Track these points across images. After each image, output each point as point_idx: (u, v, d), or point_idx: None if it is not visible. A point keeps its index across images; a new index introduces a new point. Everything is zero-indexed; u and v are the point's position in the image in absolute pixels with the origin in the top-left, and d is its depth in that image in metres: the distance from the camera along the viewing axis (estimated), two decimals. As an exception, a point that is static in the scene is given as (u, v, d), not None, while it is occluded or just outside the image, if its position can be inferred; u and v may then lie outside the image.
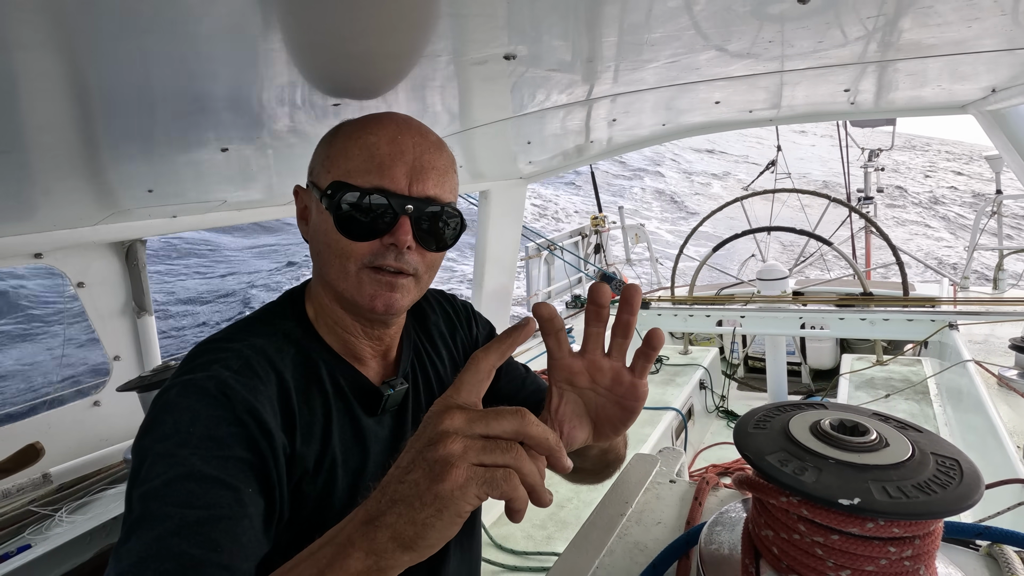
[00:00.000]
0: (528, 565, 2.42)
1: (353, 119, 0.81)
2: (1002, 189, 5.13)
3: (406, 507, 0.47)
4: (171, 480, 0.60)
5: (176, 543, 0.56)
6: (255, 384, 0.70)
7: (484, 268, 2.98)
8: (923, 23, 0.98)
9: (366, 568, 0.47)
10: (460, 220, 0.81)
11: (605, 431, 0.68)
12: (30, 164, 0.92)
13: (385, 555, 0.47)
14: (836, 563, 0.52)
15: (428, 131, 0.80)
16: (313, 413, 0.76)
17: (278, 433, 0.70)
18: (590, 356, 0.65)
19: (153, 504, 0.59)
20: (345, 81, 0.87)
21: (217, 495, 0.60)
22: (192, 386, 0.68)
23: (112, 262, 2.03)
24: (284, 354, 0.76)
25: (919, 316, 3.47)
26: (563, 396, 0.66)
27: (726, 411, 4.36)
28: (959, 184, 35.46)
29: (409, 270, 0.76)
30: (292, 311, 0.83)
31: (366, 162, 0.74)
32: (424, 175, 0.75)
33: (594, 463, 0.86)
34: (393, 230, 0.74)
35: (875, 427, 0.58)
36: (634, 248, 6.34)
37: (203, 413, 0.65)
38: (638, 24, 0.84)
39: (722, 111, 1.96)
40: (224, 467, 0.63)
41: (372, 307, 0.75)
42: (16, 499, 1.71)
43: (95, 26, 0.53)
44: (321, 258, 0.78)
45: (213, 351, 0.73)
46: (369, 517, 0.48)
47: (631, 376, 0.65)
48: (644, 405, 0.67)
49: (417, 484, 0.47)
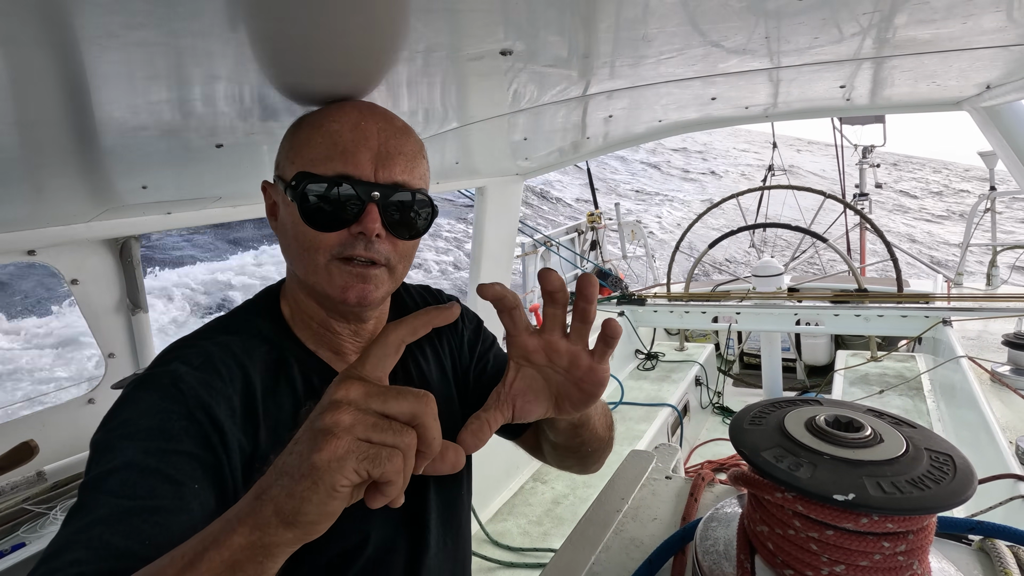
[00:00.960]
0: (524, 561, 2.43)
1: (316, 109, 0.79)
2: (996, 185, 5.15)
3: (288, 479, 0.44)
4: (111, 470, 0.60)
5: (100, 531, 0.55)
6: (212, 381, 0.69)
7: (480, 264, 2.97)
8: (918, 19, 0.98)
9: (249, 544, 0.44)
10: (431, 206, 0.79)
11: (566, 407, 0.68)
12: (22, 160, 0.91)
13: (269, 530, 0.44)
14: (831, 558, 0.53)
15: (394, 116, 0.78)
16: (281, 411, 0.74)
17: (234, 432, 0.68)
18: (547, 336, 0.65)
19: (90, 493, 0.59)
20: (340, 77, 0.86)
21: (155, 487, 0.59)
22: (148, 381, 0.68)
23: (106, 259, 2.02)
24: (254, 352, 0.75)
25: (913, 312, 3.49)
26: (519, 371, 0.66)
27: (722, 407, 4.38)
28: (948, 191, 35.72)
29: (380, 260, 0.74)
30: (267, 309, 0.81)
31: (329, 149, 0.72)
32: (391, 161, 0.74)
33: (566, 437, 0.84)
34: (360, 218, 0.72)
35: (869, 423, 0.59)
36: (630, 244, 6.34)
37: (153, 406, 0.65)
38: (634, 20, 0.84)
39: (718, 107, 1.96)
40: (168, 460, 0.62)
41: (344, 299, 0.74)
42: (10, 497, 1.70)
43: (87, 20, 0.53)
44: (291, 252, 0.77)
45: (179, 348, 0.73)
46: (259, 491, 0.45)
47: (590, 360, 0.65)
48: (603, 391, 0.67)
49: (300, 455, 0.44)
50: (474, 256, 3.02)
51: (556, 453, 0.93)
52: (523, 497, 2.88)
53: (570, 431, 0.83)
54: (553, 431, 0.84)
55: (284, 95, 0.86)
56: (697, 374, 4.14)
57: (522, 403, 0.66)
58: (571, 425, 0.81)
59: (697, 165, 37.22)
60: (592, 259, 5.73)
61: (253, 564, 0.44)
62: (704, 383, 4.26)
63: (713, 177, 34.82)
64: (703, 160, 38.37)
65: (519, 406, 0.66)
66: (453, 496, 0.93)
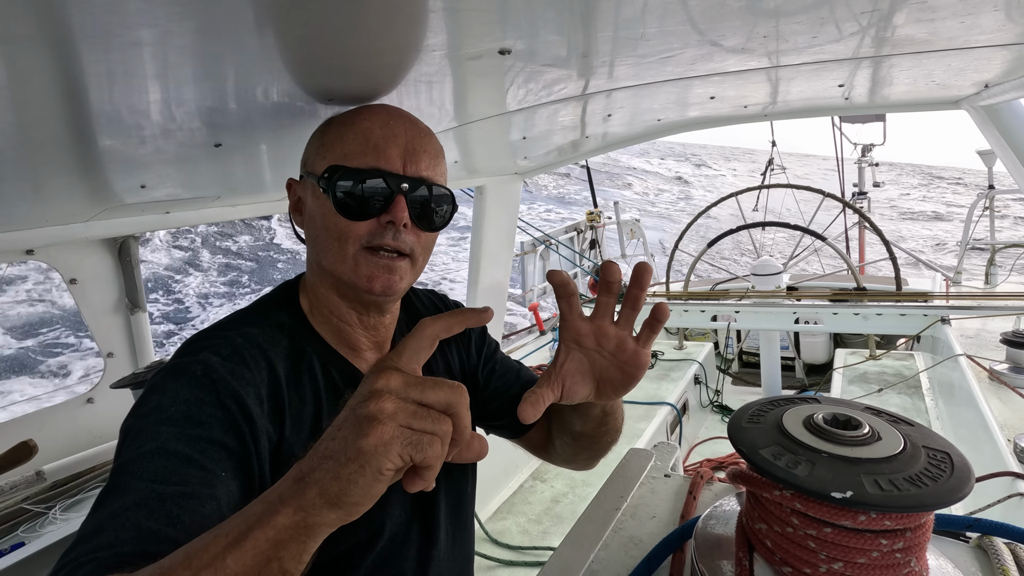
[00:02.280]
0: (523, 560, 2.43)
1: (345, 111, 0.83)
2: (994, 184, 5.16)
3: (333, 462, 0.46)
4: (143, 455, 0.61)
5: (134, 515, 0.56)
6: (242, 371, 0.71)
7: (479, 263, 2.97)
8: (917, 18, 0.98)
9: (294, 524, 0.46)
10: (452, 201, 0.84)
11: (607, 391, 0.73)
12: (20, 160, 0.91)
13: (313, 511, 0.46)
14: (829, 555, 0.53)
15: (417, 119, 0.83)
16: (303, 402, 0.77)
17: (262, 421, 0.70)
18: (598, 322, 0.71)
19: (122, 477, 0.60)
20: (339, 77, 0.86)
21: (186, 473, 0.61)
22: (179, 369, 0.69)
23: (105, 258, 2.02)
24: (277, 345, 0.77)
25: (911, 311, 3.49)
26: (569, 354, 0.72)
27: (720, 406, 4.38)
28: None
29: (406, 249, 0.78)
30: (287, 303, 0.84)
31: (361, 145, 0.77)
32: (417, 157, 0.79)
33: (594, 425, 0.89)
34: (390, 208, 0.76)
35: (867, 421, 0.59)
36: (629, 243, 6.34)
37: (185, 394, 0.66)
38: (633, 19, 0.84)
39: (717, 106, 1.96)
40: (198, 447, 0.63)
41: (370, 288, 0.77)
42: (9, 497, 1.70)
43: (86, 19, 0.53)
44: (319, 243, 0.80)
45: (205, 338, 0.75)
46: (301, 474, 0.47)
47: (635, 344, 0.71)
48: (643, 376, 0.72)
49: (345, 440, 0.46)
50: (473, 255, 3.02)
51: (574, 444, 0.96)
52: (522, 496, 2.89)
53: (600, 418, 0.87)
54: (582, 419, 0.88)
55: (283, 95, 0.87)
56: (696, 372, 4.15)
57: (571, 383, 0.71)
58: (603, 412, 0.86)
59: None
60: (591, 258, 5.72)
61: (296, 543, 0.46)
62: (703, 381, 4.26)
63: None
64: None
65: (568, 386, 0.71)
66: (461, 491, 0.96)
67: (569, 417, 0.91)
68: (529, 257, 5.04)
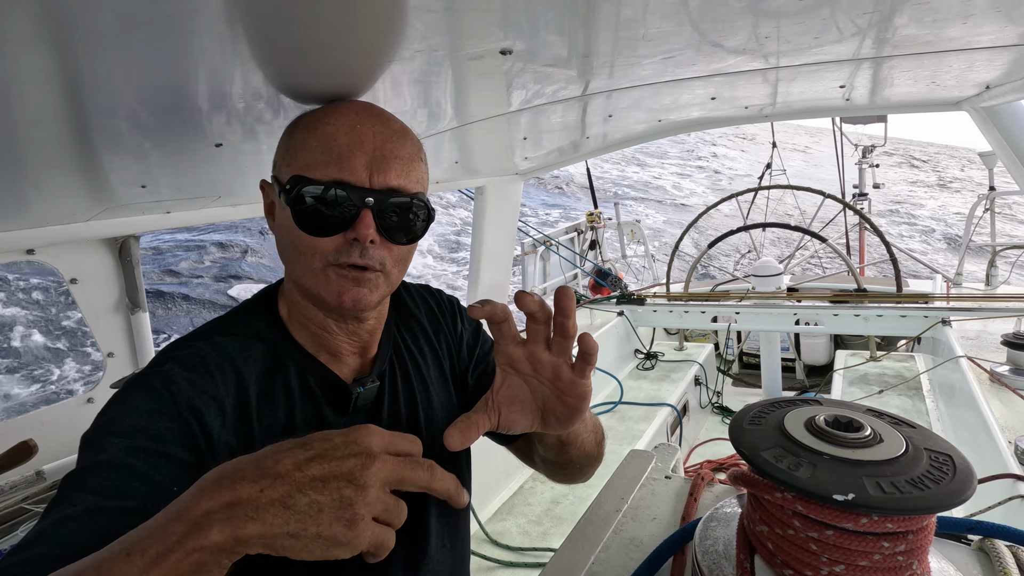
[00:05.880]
0: (524, 561, 2.43)
1: (314, 109, 0.78)
2: (995, 186, 5.15)
3: (297, 521, 0.44)
4: (91, 466, 0.60)
5: (70, 527, 0.55)
6: (204, 383, 0.69)
7: (480, 264, 2.97)
8: (918, 19, 0.98)
9: (221, 545, 0.44)
10: (428, 210, 0.78)
11: (551, 423, 0.70)
12: (21, 159, 0.91)
13: (247, 544, 0.44)
14: (830, 558, 0.53)
15: (391, 118, 0.77)
16: (275, 412, 0.74)
17: (222, 434, 0.68)
18: (530, 347, 0.67)
19: (68, 488, 0.59)
20: (339, 77, 0.86)
21: (131, 487, 0.59)
22: (140, 381, 0.68)
23: (105, 258, 2.02)
24: (250, 354, 0.75)
25: (912, 312, 3.49)
26: (505, 379, 0.69)
27: (721, 407, 4.37)
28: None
29: (375, 266, 0.73)
30: (265, 310, 0.81)
31: (324, 154, 0.71)
32: (386, 164, 0.72)
33: (555, 453, 0.85)
34: (355, 224, 0.71)
35: (869, 423, 0.59)
36: (629, 244, 6.34)
37: (142, 406, 0.65)
38: (634, 19, 0.84)
39: (717, 107, 1.96)
40: (151, 461, 0.62)
41: (340, 304, 0.73)
42: (9, 497, 1.70)
43: (88, 20, 0.53)
44: (286, 254, 0.77)
45: (174, 348, 0.73)
46: (239, 500, 0.44)
47: (571, 373, 0.67)
48: (587, 408, 0.69)
49: (320, 511, 0.44)
50: (473, 256, 3.02)
51: (545, 466, 0.94)
52: (522, 497, 2.88)
53: (558, 447, 0.84)
54: (542, 446, 0.85)
55: (283, 94, 0.86)
56: (696, 374, 4.14)
57: (507, 412, 0.68)
58: (559, 442, 0.82)
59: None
60: (591, 259, 5.72)
61: (218, 567, 0.45)
62: (703, 383, 4.26)
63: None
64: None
65: (504, 415, 0.68)
66: None
67: (534, 440, 0.88)
68: (529, 258, 5.04)
